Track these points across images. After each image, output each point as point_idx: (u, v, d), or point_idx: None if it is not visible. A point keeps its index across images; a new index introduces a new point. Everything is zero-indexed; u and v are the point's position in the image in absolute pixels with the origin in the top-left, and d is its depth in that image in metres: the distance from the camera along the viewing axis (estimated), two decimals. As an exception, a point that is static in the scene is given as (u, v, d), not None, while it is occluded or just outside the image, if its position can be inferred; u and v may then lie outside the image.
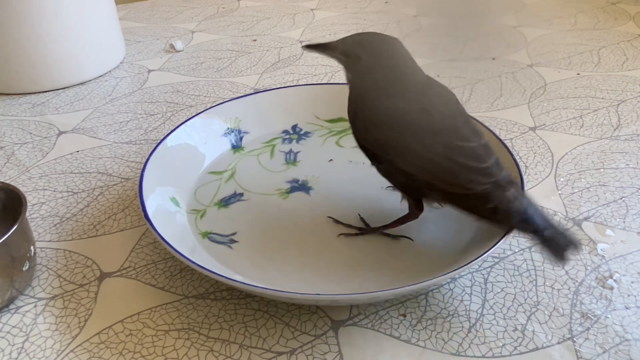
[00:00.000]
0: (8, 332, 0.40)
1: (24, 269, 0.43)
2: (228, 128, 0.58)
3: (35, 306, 0.43)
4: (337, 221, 0.48)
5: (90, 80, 0.79)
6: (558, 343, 0.38)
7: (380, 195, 0.51)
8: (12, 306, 0.42)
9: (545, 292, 0.42)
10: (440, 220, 0.48)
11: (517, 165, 0.47)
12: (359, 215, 0.48)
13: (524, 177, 0.54)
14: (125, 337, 0.40)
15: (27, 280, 0.44)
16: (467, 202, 0.39)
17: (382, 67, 0.42)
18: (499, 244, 0.39)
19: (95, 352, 0.38)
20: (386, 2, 1.09)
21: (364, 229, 0.47)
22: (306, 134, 0.60)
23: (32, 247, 0.44)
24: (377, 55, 0.43)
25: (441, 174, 0.39)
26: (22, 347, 0.39)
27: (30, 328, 0.41)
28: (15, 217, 0.42)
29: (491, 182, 0.38)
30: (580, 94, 0.71)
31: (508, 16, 0.99)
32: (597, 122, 0.65)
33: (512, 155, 0.48)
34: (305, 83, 0.76)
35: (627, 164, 0.57)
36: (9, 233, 0.40)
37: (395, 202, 0.49)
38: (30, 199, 0.54)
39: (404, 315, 0.41)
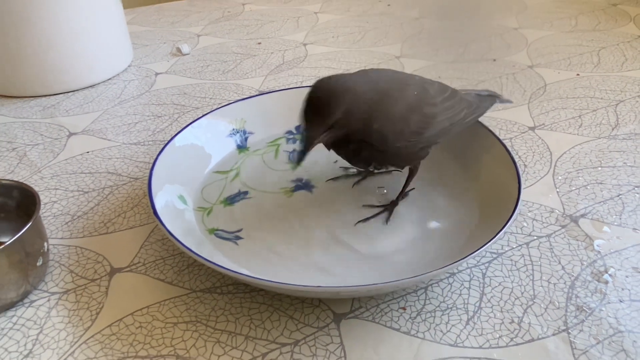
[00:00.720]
0: (23, 325, 0.42)
1: (37, 264, 0.44)
2: (233, 129, 0.59)
3: (48, 300, 0.44)
4: (366, 219, 0.49)
5: (99, 84, 0.81)
6: (553, 334, 0.39)
7: (377, 187, 0.53)
8: (26, 300, 0.44)
9: (541, 286, 0.43)
10: (441, 218, 0.49)
11: (515, 163, 0.48)
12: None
13: (522, 176, 0.56)
14: (135, 329, 0.41)
15: (41, 275, 0.46)
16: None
17: (368, 98, 0.43)
18: (494, 239, 0.40)
19: (107, 344, 0.40)
20: (389, 5, 1.10)
21: (387, 206, 0.50)
22: (310, 134, 0.61)
23: (45, 244, 0.45)
24: (347, 104, 0.42)
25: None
26: (36, 339, 0.41)
27: (44, 321, 0.42)
28: (29, 215, 0.44)
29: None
30: (579, 94, 0.72)
31: (510, 18, 1.00)
32: (595, 121, 0.66)
33: (509, 153, 0.49)
34: (308, 85, 0.77)
35: (624, 163, 0.58)
36: (24, 230, 0.42)
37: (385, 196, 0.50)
38: (42, 198, 0.56)
39: (404, 308, 0.42)
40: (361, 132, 0.44)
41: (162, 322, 0.42)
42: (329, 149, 0.47)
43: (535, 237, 0.48)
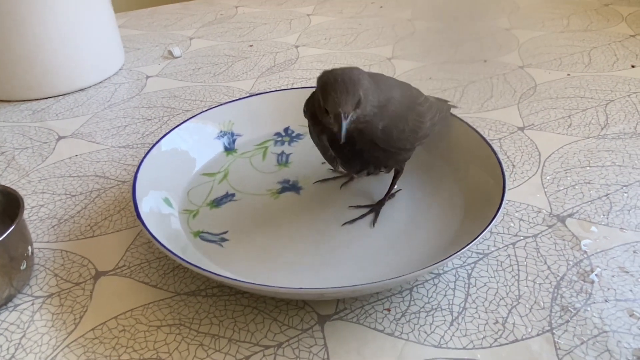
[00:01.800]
0: (6, 329, 0.42)
1: (21, 268, 0.44)
2: (221, 131, 0.59)
3: (32, 304, 0.44)
4: (353, 221, 0.49)
5: (89, 87, 0.81)
6: (538, 335, 0.39)
7: (364, 188, 0.53)
8: (10, 304, 0.44)
9: (527, 286, 0.43)
10: (426, 218, 0.49)
11: (500, 163, 0.48)
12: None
13: (510, 176, 0.56)
14: (118, 333, 0.41)
15: (25, 279, 0.45)
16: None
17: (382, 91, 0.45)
18: (475, 241, 0.40)
19: (90, 347, 0.40)
20: (381, 7, 1.10)
21: (373, 206, 0.50)
22: (298, 136, 0.61)
23: (29, 247, 0.45)
24: (364, 90, 0.43)
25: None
26: (19, 343, 0.41)
27: (28, 325, 0.42)
28: (13, 218, 0.44)
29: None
30: (569, 94, 0.72)
31: (501, 19, 1.00)
32: (585, 121, 0.66)
33: (495, 154, 0.49)
34: (299, 87, 0.77)
35: (612, 162, 0.58)
36: (6, 233, 0.41)
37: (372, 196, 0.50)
38: (29, 201, 0.56)
39: (389, 310, 0.42)
40: (369, 129, 0.44)
41: (145, 326, 0.41)
42: (332, 149, 0.46)
43: (521, 237, 0.48)
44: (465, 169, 0.52)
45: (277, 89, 0.75)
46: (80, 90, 0.80)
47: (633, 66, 0.79)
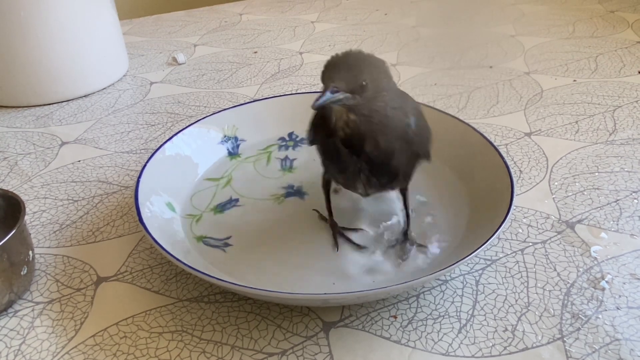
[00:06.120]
0: (6, 335, 0.41)
1: (22, 273, 0.43)
2: (225, 136, 0.59)
3: (32, 310, 0.43)
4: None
5: (93, 93, 0.80)
6: (548, 343, 0.38)
7: (370, 200, 0.52)
8: (10, 310, 0.43)
9: (536, 293, 0.42)
10: (434, 226, 0.48)
11: (508, 169, 0.47)
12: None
13: (517, 182, 0.55)
14: (119, 339, 0.40)
15: (26, 284, 0.45)
16: None
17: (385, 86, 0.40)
18: (483, 246, 0.39)
19: (90, 354, 0.39)
20: (386, 14, 1.10)
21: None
22: (302, 141, 0.61)
23: (30, 252, 0.45)
24: (376, 78, 0.39)
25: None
26: (18, 350, 0.40)
27: (27, 331, 0.41)
28: (15, 223, 0.43)
29: None
30: (576, 100, 0.71)
31: (506, 25, 0.99)
32: (592, 127, 0.65)
33: (503, 159, 0.48)
34: (303, 92, 0.76)
35: (621, 168, 0.57)
36: (7, 237, 0.41)
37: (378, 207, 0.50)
38: (31, 207, 0.55)
39: (395, 317, 0.41)
40: (395, 124, 0.40)
41: (147, 332, 0.41)
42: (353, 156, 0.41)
43: (530, 244, 0.47)
44: (472, 174, 0.51)
45: (282, 94, 0.75)
46: (84, 96, 0.79)
47: (640, 72, 0.78)
